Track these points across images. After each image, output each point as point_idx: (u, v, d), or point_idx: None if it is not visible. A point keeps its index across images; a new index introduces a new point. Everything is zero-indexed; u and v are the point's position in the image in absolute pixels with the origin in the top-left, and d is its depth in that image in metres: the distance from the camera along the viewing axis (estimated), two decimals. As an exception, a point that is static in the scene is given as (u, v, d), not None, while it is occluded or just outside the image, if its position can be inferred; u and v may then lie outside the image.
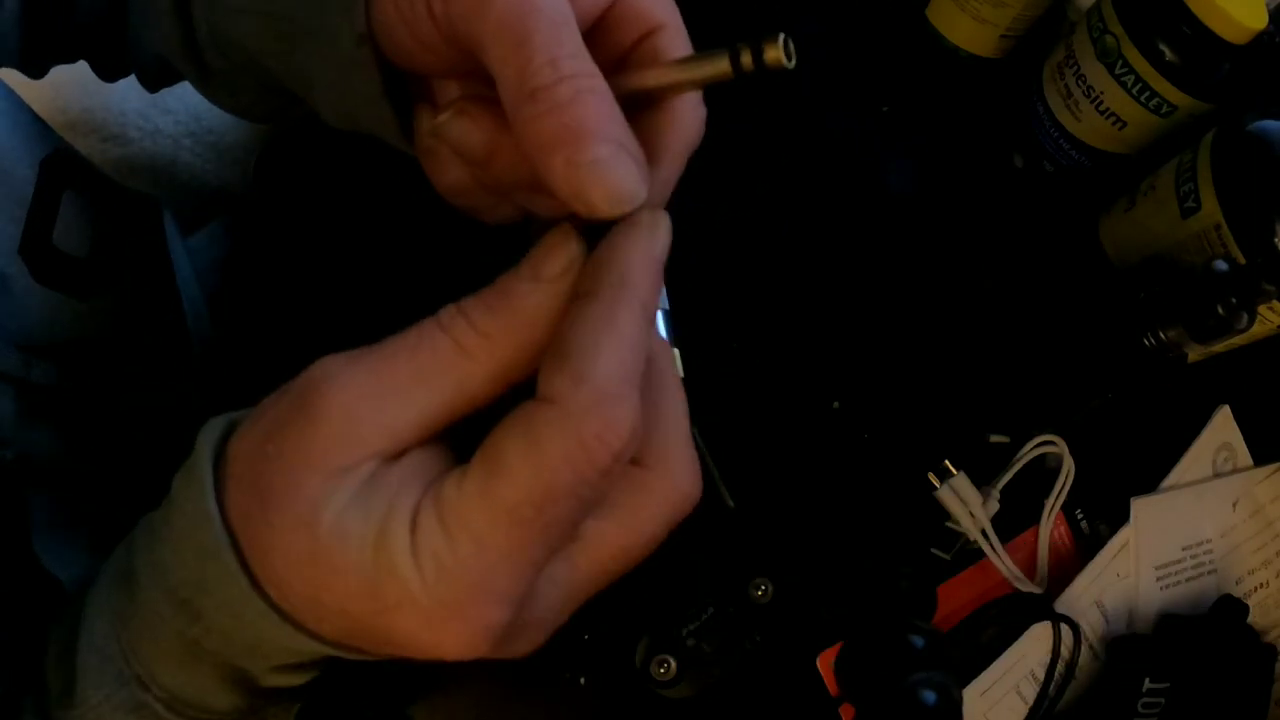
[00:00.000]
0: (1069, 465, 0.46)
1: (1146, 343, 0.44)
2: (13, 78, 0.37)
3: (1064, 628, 0.44)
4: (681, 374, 0.25)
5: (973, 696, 0.43)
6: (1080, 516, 0.48)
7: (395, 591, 0.20)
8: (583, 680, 0.41)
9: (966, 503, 0.45)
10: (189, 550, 0.22)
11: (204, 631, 0.23)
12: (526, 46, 0.22)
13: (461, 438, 0.23)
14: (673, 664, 0.41)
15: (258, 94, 0.34)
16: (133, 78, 0.42)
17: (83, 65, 0.42)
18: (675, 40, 0.26)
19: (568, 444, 0.20)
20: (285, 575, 0.21)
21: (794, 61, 0.23)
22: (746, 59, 0.23)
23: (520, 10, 0.22)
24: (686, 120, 0.25)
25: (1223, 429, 0.50)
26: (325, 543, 0.20)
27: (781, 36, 0.23)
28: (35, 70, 0.39)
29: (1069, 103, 0.51)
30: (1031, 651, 0.44)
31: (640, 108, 0.25)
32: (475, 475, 0.20)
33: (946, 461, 0.45)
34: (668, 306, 0.42)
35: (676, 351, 0.42)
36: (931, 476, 0.45)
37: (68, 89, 0.60)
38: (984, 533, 0.44)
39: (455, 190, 0.28)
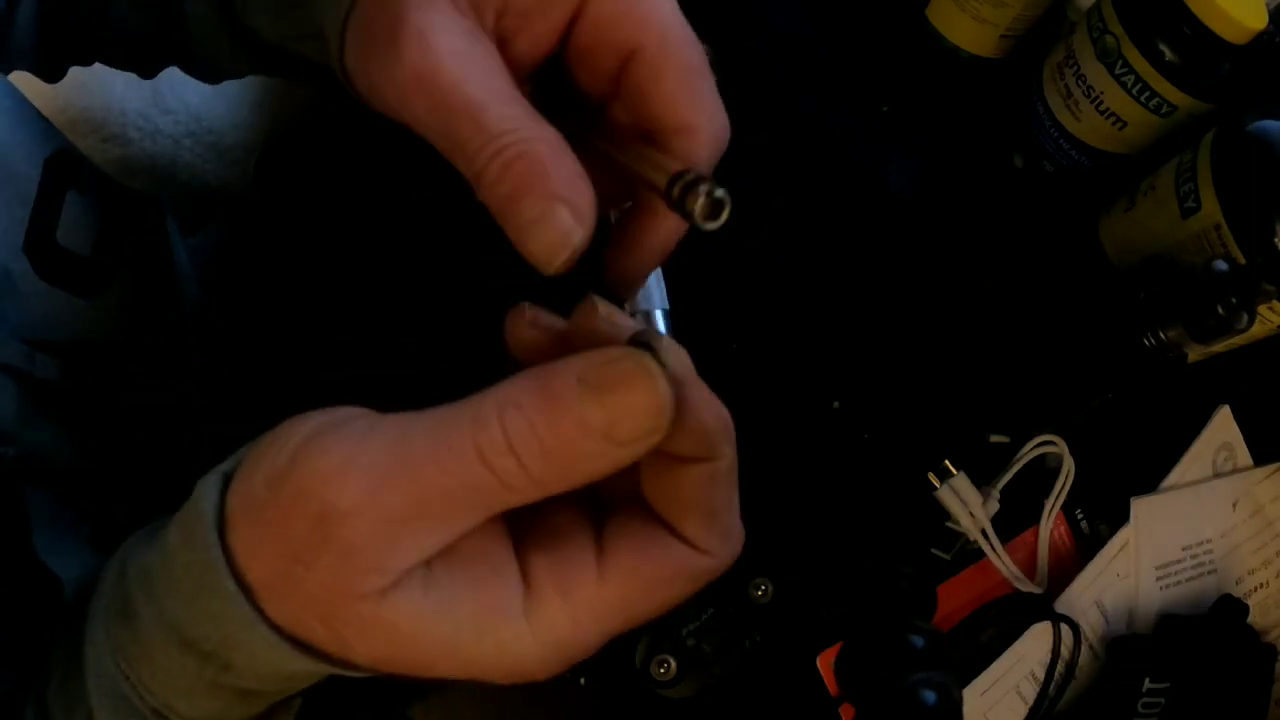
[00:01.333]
0: (1069, 465, 0.46)
1: (1146, 343, 0.44)
2: (16, 76, 0.37)
3: (1064, 628, 0.44)
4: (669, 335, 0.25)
5: (973, 696, 0.43)
6: (1080, 516, 0.48)
7: (508, 664, 0.21)
8: (583, 680, 0.41)
9: (966, 503, 0.45)
10: (204, 613, 0.22)
11: (237, 677, 0.23)
12: (453, 139, 0.23)
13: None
14: (673, 664, 0.41)
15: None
16: (132, 76, 0.42)
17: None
18: (656, 63, 0.25)
19: (702, 581, 0.22)
20: (359, 650, 0.21)
21: (719, 223, 0.21)
22: (675, 194, 0.22)
23: (436, 102, 0.22)
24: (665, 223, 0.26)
25: (1223, 429, 0.50)
26: (415, 652, 0.21)
27: (718, 192, 0.21)
28: (51, 73, 0.39)
29: (1069, 103, 0.51)
30: (1031, 651, 0.44)
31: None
32: (618, 584, 0.21)
33: (946, 461, 0.45)
34: (667, 306, 0.42)
35: (659, 312, 0.42)
36: (931, 476, 0.45)
37: (68, 89, 0.59)
38: (984, 533, 0.44)
39: None
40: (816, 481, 0.46)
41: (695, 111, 0.25)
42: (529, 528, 0.22)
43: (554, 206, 0.21)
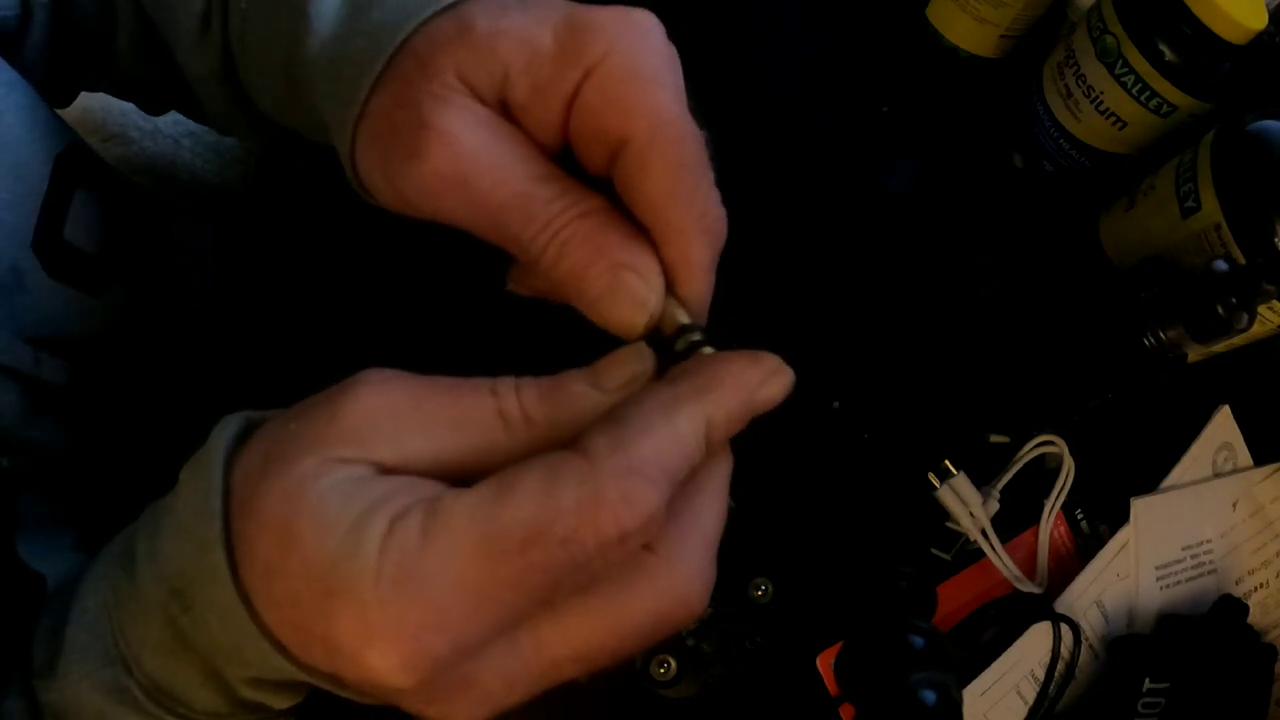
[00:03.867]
0: (1069, 465, 0.46)
1: (1146, 343, 0.44)
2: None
3: (1064, 628, 0.44)
4: None
5: (973, 696, 0.43)
6: (1080, 516, 0.48)
7: (346, 575, 0.19)
8: (583, 680, 0.41)
9: (966, 503, 0.45)
10: (188, 541, 0.22)
11: (192, 623, 0.23)
12: (501, 231, 0.23)
13: None
14: (673, 664, 0.41)
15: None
16: None
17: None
18: (643, 157, 0.23)
19: (581, 497, 0.19)
20: (254, 538, 0.20)
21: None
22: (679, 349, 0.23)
23: (476, 201, 0.23)
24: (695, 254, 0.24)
25: (1223, 429, 0.50)
26: (299, 513, 0.20)
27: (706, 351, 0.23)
28: (58, 99, 0.39)
29: (1069, 103, 0.51)
30: (1031, 651, 0.44)
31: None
32: (479, 496, 0.20)
33: (946, 461, 0.45)
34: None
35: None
36: (931, 476, 0.45)
37: (68, 89, 0.60)
38: (984, 533, 0.44)
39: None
40: (816, 481, 0.46)
41: (683, 211, 0.23)
42: None
43: (621, 275, 0.22)
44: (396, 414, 0.21)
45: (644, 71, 0.22)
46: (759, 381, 0.22)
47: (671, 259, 0.23)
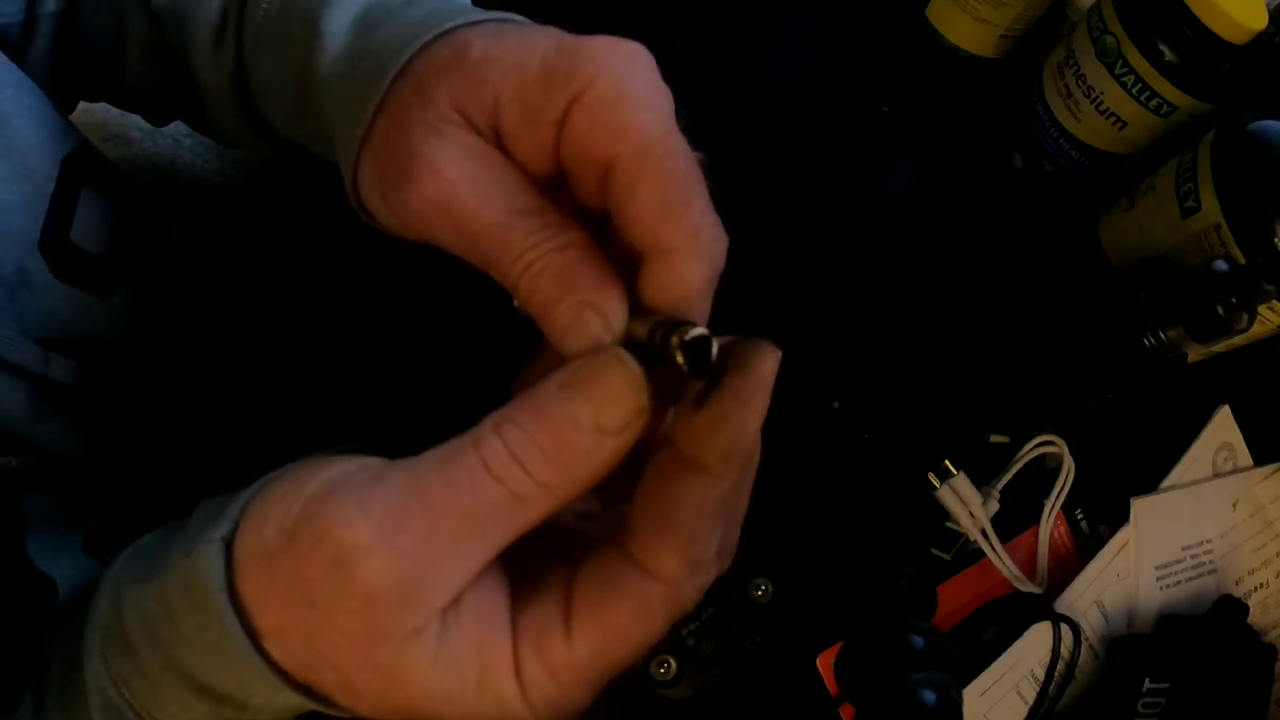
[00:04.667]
0: (1069, 465, 0.46)
1: (1146, 343, 0.44)
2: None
3: (1064, 628, 0.44)
4: None
5: (973, 696, 0.43)
6: (1080, 516, 0.48)
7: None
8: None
9: (966, 503, 0.45)
10: (223, 669, 0.22)
11: (254, 715, 0.24)
12: (484, 259, 0.23)
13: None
14: (673, 664, 0.41)
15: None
16: None
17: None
18: (631, 177, 0.22)
19: (672, 614, 0.21)
20: (367, 700, 0.21)
21: (698, 365, 0.21)
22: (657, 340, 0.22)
23: (459, 228, 0.23)
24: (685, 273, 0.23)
25: (1223, 429, 0.50)
26: (421, 704, 0.21)
27: (693, 333, 0.21)
28: (60, 107, 0.40)
29: (1069, 103, 0.51)
30: (1031, 651, 0.44)
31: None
32: (586, 640, 0.21)
33: (946, 461, 0.45)
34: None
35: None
36: (931, 476, 0.45)
37: (68, 89, 0.60)
38: (984, 533, 0.44)
39: None
40: (816, 481, 0.46)
41: (673, 230, 0.22)
42: (518, 580, 0.22)
43: (583, 314, 0.22)
44: (425, 564, 0.20)
45: (630, 94, 0.22)
46: (757, 413, 0.21)
47: (664, 281, 0.22)
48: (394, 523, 0.20)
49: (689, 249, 0.22)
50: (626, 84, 0.22)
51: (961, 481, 0.45)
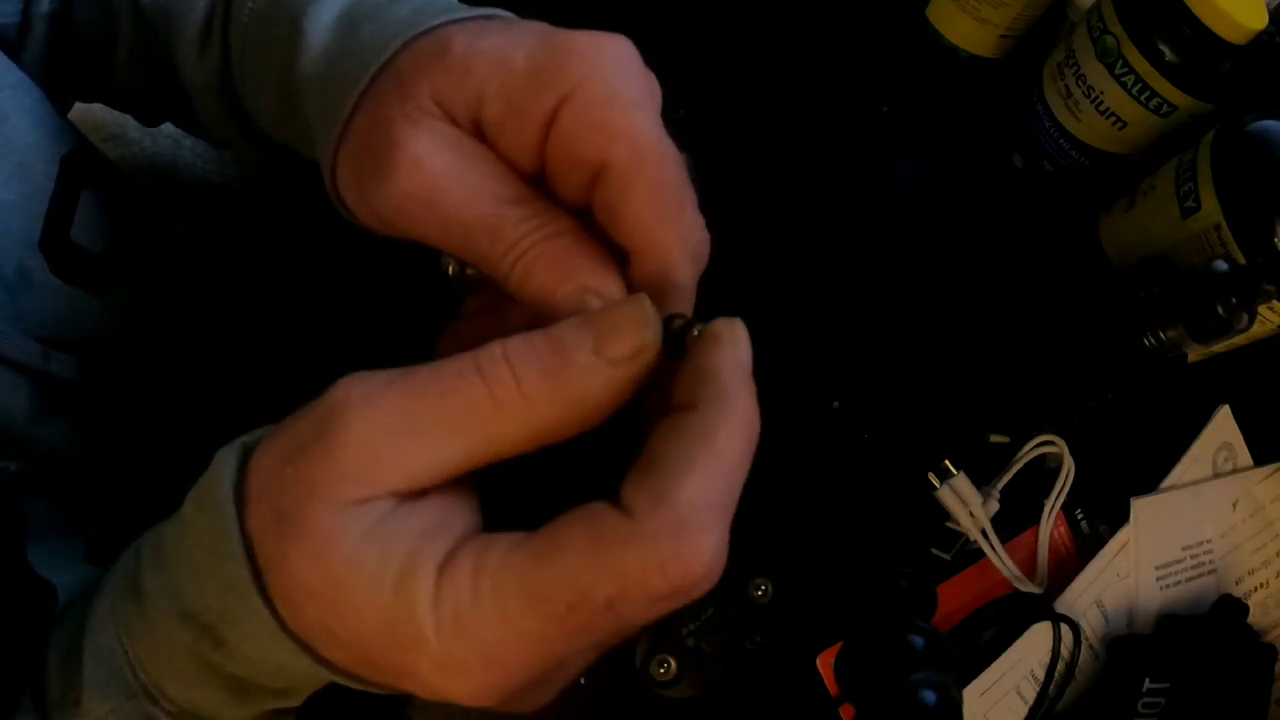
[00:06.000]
0: (1069, 465, 0.46)
1: (1146, 343, 0.44)
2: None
3: (1064, 628, 0.44)
4: None
5: (973, 696, 0.43)
6: (1080, 516, 0.48)
7: (411, 633, 0.20)
8: (582, 680, 0.41)
9: (966, 503, 0.45)
10: (210, 580, 0.22)
11: (227, 657, 0.23)
12: (472, 250, 0.23)
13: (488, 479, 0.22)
14: (673, 664, 0.41)
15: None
16: None
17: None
18: (624, 180, 0.22)
19: (628, 563, 0.19)
20: (301, 601, 0.21)
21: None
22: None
23: (446, 221, 0.23)
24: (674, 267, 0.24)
25: (1223, 429, 0.50)
26: (339, 576, 0.20)
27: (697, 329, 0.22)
28: (60, 107, 0.40)
29: (1069, 103, 0.51)
30: (1031, 651, 0.44)
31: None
32: (525, 554, 0.20)
33: (946, 461, 0.45)
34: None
35: None
36: (931, 476, 0.45)
37: (68, 89, 0.60)
38: (984, 533, 0.44)
39: None
40: (816, 481, 0.46)
41: (666, 231, 0.23)
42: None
43: (585, 300, 0.22)
44: (391, 434, 0.20)
45: (623, 96, 0.22)
46: (742, 353, 0.22)
47: (656, 281, 0.23)
48: (377, 391, 0.20)
49: (681, 252, 0.23)
50: (618, 85, 0.22)
51: (961, 481, 0.45)
